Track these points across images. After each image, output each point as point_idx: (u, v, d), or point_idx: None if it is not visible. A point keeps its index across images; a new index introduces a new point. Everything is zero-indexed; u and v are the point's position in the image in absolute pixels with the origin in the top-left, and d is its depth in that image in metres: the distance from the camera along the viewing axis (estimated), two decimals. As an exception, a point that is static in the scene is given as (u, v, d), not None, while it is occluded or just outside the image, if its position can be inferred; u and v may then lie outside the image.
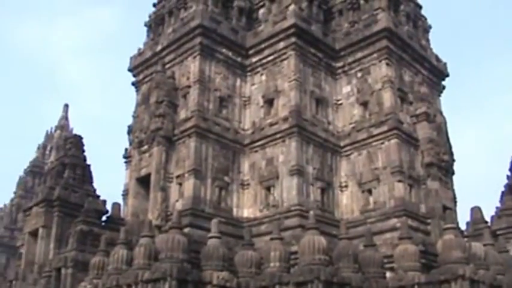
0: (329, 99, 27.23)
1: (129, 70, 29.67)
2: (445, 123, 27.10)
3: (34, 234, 26.51)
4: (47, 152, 57.17)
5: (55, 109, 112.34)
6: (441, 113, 27.48)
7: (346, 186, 25.78)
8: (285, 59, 26.43)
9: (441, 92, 29.33)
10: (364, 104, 26.53)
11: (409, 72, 27.62)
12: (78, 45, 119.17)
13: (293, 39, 26.27)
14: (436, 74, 29.15)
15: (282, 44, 26.59)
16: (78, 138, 28.86)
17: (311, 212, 21.30)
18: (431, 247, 22.01)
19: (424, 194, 25.13)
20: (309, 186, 24.59)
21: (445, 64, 29.73)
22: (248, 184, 25.58)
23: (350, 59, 27.53)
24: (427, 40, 29.87)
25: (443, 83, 29.57)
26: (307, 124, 25.44)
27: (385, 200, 24.33)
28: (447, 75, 29.67)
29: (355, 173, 25.68)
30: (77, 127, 59.52)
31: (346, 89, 27.44)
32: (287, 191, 24.16)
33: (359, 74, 27.13)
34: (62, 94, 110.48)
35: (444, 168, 25.91)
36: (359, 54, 27.25)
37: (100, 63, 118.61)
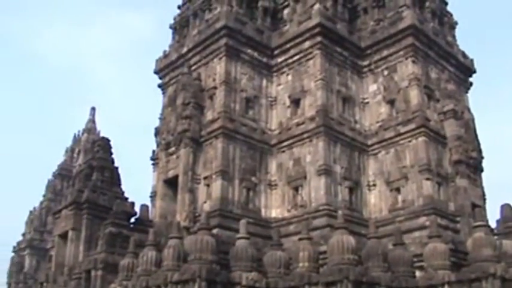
0: (355, 98, 27.21)
1: (155, 72, 29.99)
2: (473, 120, 26.90)
3: (64, 236, 26.82)
4: (75, 155, 57.79)
5: (82, 112, 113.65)
6: (469, 110, 27.28)
7: (374, 185, 25.75)
8: (310, 59, 26.48)
9: (468, 88, 29.14)
10: (391, 102, 26.47)
11: (435, 69, 27.48)
12: (108, 51, 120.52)
13: (318, 39, 26.30)
14: (463, 70, 28.95)
15: (307, 44, 26.64)
16: (106, 141, 29.12)
17: (339, 212, 21.31)
18: (461, 245, 21.89)
19: (452, 191, 24.99)
20: (337, 186, 24.61)
21: (471, 60, 29.52)
22: (276, 184, 25.69)
23: (376, 57, 27.49)
24: (453, 36, 29.68)
25: (470, 79, 29.37)
26: (334, 123, 25.46)
27: (413, 198, 24.25)
28: (474, 72, 29.45)
29: (383, 172, 25.64)
30: (104, 130, 60.11)
31: (373, 87, 27.40)
32: (315, 190, 24.21)
33: (385, 72, 27.07)
34: (89, 98, 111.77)
35: (472, 165, 25.73)
36: (385, 52, 27.19)
37: (128, 68, 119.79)
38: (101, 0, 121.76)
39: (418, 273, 20.39)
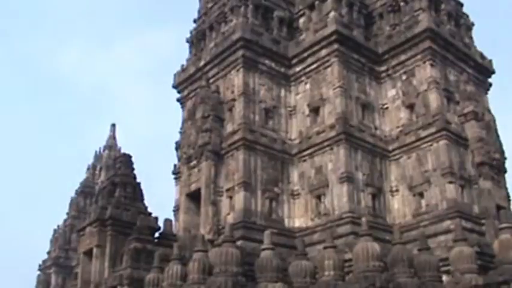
0: (375, 104, 27.32)
1: (174, 87, 30.38)
2: (494, 121, 26.88)
3: (89, 253, 26.97)
4: (97, 172, 58.26)
5: (103, 130, 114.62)
6: (489, 111, 27.27)
7: (397, 190, 25.79)
8: (328, 66, 26.68)
9: (488, 89, 29.09)
10: (411, 107, 26.53)
11: (454, 72, 27.52)
12: (130, 68, 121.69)
13: (335, 46, 26.49)
14: (482, 71, 28.94)
15: (324, 52, 26.86)
16: (127, 157, 29.32)
17: (363, 219, 21.34)
18: (487, 248, 21.85)
19: (476, 194, 24.98)
20: (360, 193, 24.70)
21: (490, 61, 29.49)
22: (298, 194, 25.85)
23: (394, 62, 27.59)
24: (470, 38, 29.70)
25: (489, 80, 29.32)
26: (355, 130, 25.59)
27: (437, 202, 24.27)
28: (493, 72, 29.41)
29: (405, 177, 25.67)
30: (124, 146, 60.64)
31: (391, 92, 27.49)
32: (338, 198, 24.32)
33: (403, 77, 27.15)
34: (110, 115, 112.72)
35: (496, 166, 25.70)
36: (402, 57, 27.30)
37: (148, 84, 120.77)
38: (123, 19, 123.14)
39: (445, 278, 20.35)
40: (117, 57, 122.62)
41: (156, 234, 25.13)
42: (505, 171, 26.29)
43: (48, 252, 53.67)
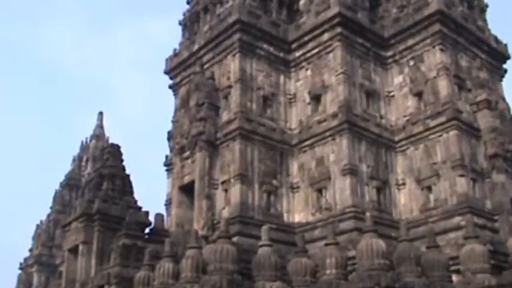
0: (380, 91, 27.27)
1: (166, 73, 30.32)
2: (509, 109, 26.83)
3: (74, 250, 26.93)
4: (83, 164, 58.21)
5: (89, 119, 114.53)
6: (504, 99, 27.21)
7: (403, 183, 25.77)
8: (330, 51, 26.60)
9: (503, 76, 29.04)
10: (419, 95, 26.48)
11: (465, 57, 27.44)
12: (125, 57, 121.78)
13: (338, 30, 26.40)
14: (496, 57, 28.87)
15: (326, 36, 26.77)
16: (116, 148, 29.27)
17: (367, 214, 21.36)
18: (500, 246, 21.86)
19: (489, 188, 24.95)
20: (364, 186, 24.68)
21: (505, 45, 29.41)
22: (298, 187, 25.84)
23: (401, 47, 27.51)
24: (484, 21, 29.59)
25: (504, 66, 29.26)
26: (358, 119, 25.54)
27: (446, 196, 24.23)
28: (508, 58, 29.35)
29: (413, 169, 25.65)
30: (113, 136, 60.67)
31: (398, 79, 27.43)
32: (340, 192, 24.31)
33: (411, 63, 27.09)
34: (99, 104, 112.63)
35: (510, 159, 25.64)
36: (410, 41, 27.21)
37: (142, 72, 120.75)
38: (118, 4, 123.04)
39: (455, 278, 20.35)
40: (110, 44, 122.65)
41: (147, 230, 25.13)
42: (520, 164, 26.26)
43: (30, 250, 53.58)
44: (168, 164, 28.31)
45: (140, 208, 27.06)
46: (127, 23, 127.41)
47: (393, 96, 27.31)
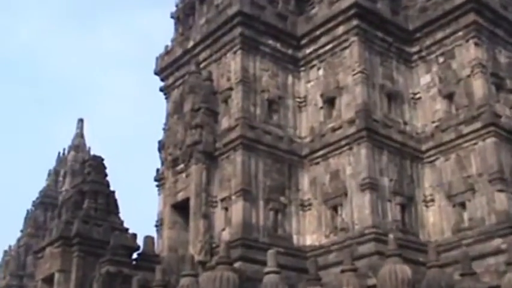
0: (404, 93, 27.26)
1: (156, 73, 30.46)
2: (556, 114, 26.76)
3: (49, 280, 26.83)
4: (60, 179, 58.35)
5: (67, 126, 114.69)
6: (551, 101, 27.14)
7: (432, 200, 25.71)
8: (346, 47, 26.62)
9: (550, 73, 28.91)
10: (449, 96, 26.45)
11: (505, 52, 27.40)
12: (108, 54, 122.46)
13: (355, 22, 26.43)
14: (541, 51, 28.79)
15: (341, 29, 26.79)
16: (99, 160, 29.34)
17: (390, 235, 21.26)
18: (549, 272, 21.67)
19: (533, 205, 24.82)
20: (386, 203, 24.62)
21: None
22: (310, 204, 25.84)
23: (428, 41, 27.53)
24: (528, 9, 29.52)
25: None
26: (379, 126, 25.51)
27: (483, 215, 24.14)
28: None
29: (443, 183, 25.58)
30: (95, 147, 60.80)
31: (425, 79, 27.43)
32: (358, 210, 24.25)
33: (440, 59, 27.09)
34: (79, 108, 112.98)
35: (558, 171, 25.54)
36: (439, 35, 27.21)
37: (129, 73, 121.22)
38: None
39: (494, 310, 20.25)
40: (93, 41, 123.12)
41: (134, 255, 25.13)
42: None
43: (-3, 280, 53.50)
44: (159, 179, 28.36)
45: (127, 230, 27.07)
46: (113, 17, 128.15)
47: (419, 98, 27.30)
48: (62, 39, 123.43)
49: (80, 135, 60.39)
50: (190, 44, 28.80)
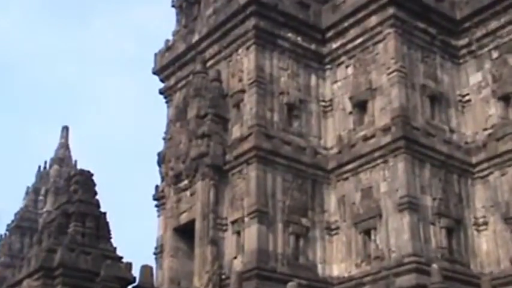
0: (450, 94, 27.29)
1: (155, 73, 30.71)
2: None
3: (27, 318, 27.06)
4: (41, 198, 58.49)
5: (50, 135, 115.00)
6: None
7: (485, 223, 25.64)
8: (380, 41, 26.71)
9: None
10: (505, 99, 26.45)
11: None
12: (103, 53, 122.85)
13: (391, 11, 26.46)
14: None
15: (374, 19, 26.87)
16: (87, 176, 29.42)
17: (434, 265, 21.34)
18: None
19: None
20: (428, 226, 24.61)
21: None
22: (337, 228, 25.93)
23: (479, 33, 27.55)
24: None
25: None
26: (420, 134, 25.54)
27: (550, 241, 24.20)
28: None
29: (499, 203, 25.50)
30: (82, 160, 60.96)
31: (476, 77, 27.45)
32: (395, 234, 24.23)
33: (495, 54, 27.10)
34: (61, 114, 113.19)
35: None
36: (493, 24, 27.20)
37: (125, 74, 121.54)
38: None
39: None
40: (83, 36, 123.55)
41: (130, 288, 25.30)
42: None
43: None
44: (159, 198, 28.52)
45: (120, 258, 27.19)
46: (105, 10, 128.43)
47: (469, 101, 27.36)
48: (41, 34, 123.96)
49: (64, 145, 60.54)
50: (195, 38, 28.97)
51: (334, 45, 28.09)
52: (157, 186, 28.95)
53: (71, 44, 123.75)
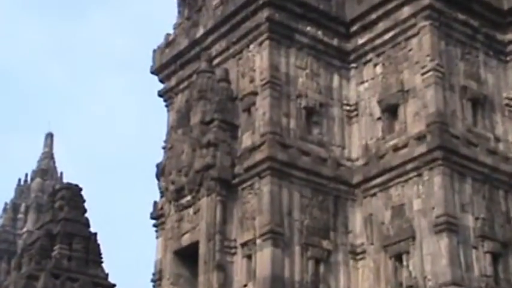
0: (495, 97, 27.26)
1: (153, 72, 30.82)
2: None
3: None
4: (20, 216, 58.70)
5: (32, 143, 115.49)
6: None
7: (537, 247, 25.68)
8: (413, 36, 26.69)
9: None
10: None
11: None
12: (97, 50, 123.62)
13: (426, 0, 26.39)
14: None
15: (407, 10, 26.86)
16: (75, 190, 29.55)
17: (477, 296, 21.32)
18: None
19: None
20: (470, 251, 24.54)
21: None
22: (363, 252, 25.91)
23: (531, 26, 27.62)
24: None
25: None
26: (460, 144, 25.48)
27: None
28: None
29: (555, 223, 25.60)
30: (69, 172, 61.02)
31: (526, 77, 27.51)
32: (432, 260, 24.15)
33: (549, 51, 27.22)
34: (46, 119, 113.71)
35: None
36: (548, 14, 27.32)
37: (120, 73, 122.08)
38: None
39: None
40: (75, 32, 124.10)
41: (123, 321, 25.37)
42: None
43: None
44: (158, 216, 28.59)
45: (113, 286, 27.31)
46: (102, 3, 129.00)
47: (517, 105, 27.41)
48: (32, 33, 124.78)
49: (48, 155, 60.73)
50: (200, 32, 29.05)
51: (360, 41, 28.14)
52: (155, 203, 28.99)
53: (59, 41, 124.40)
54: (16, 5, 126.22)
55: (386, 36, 27.48)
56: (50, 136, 61.38)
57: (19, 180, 60.18)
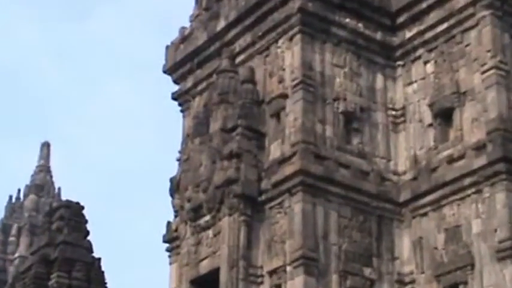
0: None
1: (166, 71, 30.79)
2: None
3: None
4: (12, 239, 58.96)
5: (26, 153, 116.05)
6: None
7: None
8: (471, 28, 26.61)
9: None
10: None
11: None
12: (103, 49, 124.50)
13: (487, -12, 26.41)
14: None
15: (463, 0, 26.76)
16: (75, 209, 29.55)
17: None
18: None
19: None
20: (539, 281, 24.38)
21: None
22: (412, 281, 25.78)
23: None
24: None
25: None
26: (526, 154, 25.32)
27: None
28: None
29: None
30: (68, 188, 61.20)
31: None
32: (495, 291, 24.06)
33: None
34: (43, 127, 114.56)
35: None
36: None
37: (129, 74, 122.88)
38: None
39: None
40: (77, 31, 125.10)
41: None
42: None
43: None
44: (172, 239, 28.46)
45: (120, 320, 27.18)
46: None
47: None
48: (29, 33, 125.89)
49: (44, 168, 60.95)
50: (221, 25, 29.00)
51: (408, 34, 28.07)
52: (169, 223, 28.89)
53: (59, 41, 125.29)
54: (16, 5, 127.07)
55: (439, 29, 27.38)
56: (46, 146, 61.54)
57: (10, 197, 60.49)
